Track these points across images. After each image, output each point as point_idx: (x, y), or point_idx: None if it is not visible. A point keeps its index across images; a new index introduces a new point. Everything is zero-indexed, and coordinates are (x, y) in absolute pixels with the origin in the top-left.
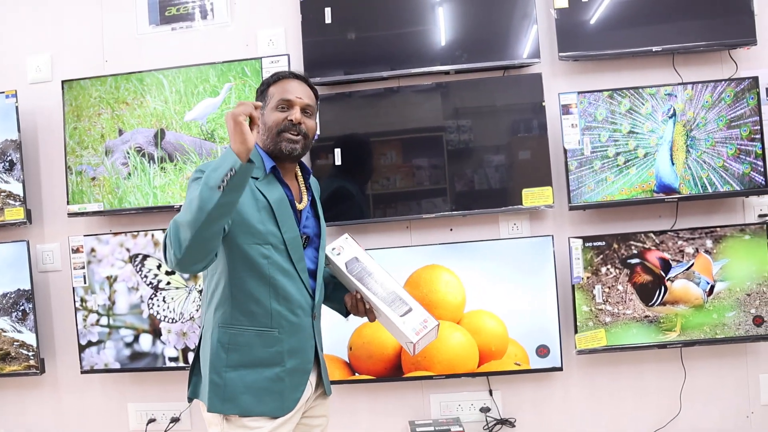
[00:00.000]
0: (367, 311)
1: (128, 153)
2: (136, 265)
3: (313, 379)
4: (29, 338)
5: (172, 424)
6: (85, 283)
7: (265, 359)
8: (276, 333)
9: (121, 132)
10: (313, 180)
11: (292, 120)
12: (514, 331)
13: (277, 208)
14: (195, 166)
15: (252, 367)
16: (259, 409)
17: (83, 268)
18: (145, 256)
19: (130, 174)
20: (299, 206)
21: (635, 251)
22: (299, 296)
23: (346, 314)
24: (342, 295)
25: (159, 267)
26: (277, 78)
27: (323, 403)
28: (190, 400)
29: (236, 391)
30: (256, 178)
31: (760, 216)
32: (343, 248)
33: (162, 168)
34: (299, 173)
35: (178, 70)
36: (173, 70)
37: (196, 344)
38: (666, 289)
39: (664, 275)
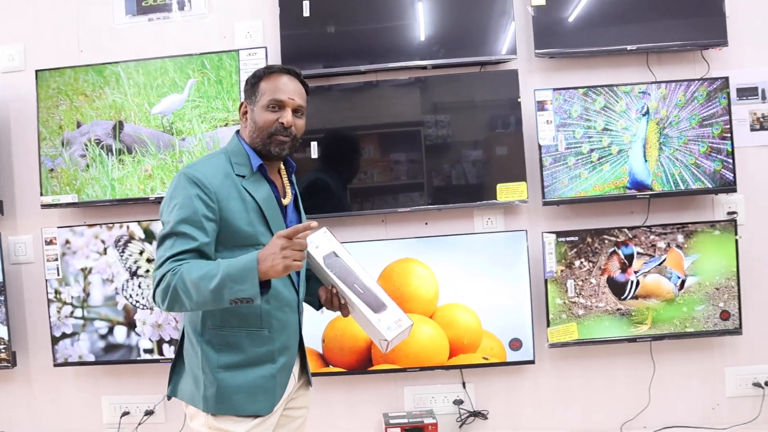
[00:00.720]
0: (341, 306)
1: (87, 145)
2: (119, 247)
3: (296, 371)
4: (0, 331)
5: (146, 417)
6: (58, 275)
7: (257, 358)
8: (266, 332)
9: (79, 124)
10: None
11: (283, 123)
12: (488, 325)
13: (265, 208)
14: (153, 158)
15: (244, 367)
16: (253, 407)
17: (57, 260)
18: (129, 239)
19: (88, 166)
20: (284, 202)
21: (608, 245)
22: (287, 293)
23: (318, 307)
24: (316, 288)
25: (141, 253)
26: (270, 72)
27: (305, 394)
28: (169, 397)
29: (229, 392)
30: (243, 176)
31: (729, 213)
32: (321, 242)
33: (120, 160)
34: (282, 168)
35: (137, 62)
36: (132, 63)
37: (178, 343)
38: (638, 283)
39: (634, 269)
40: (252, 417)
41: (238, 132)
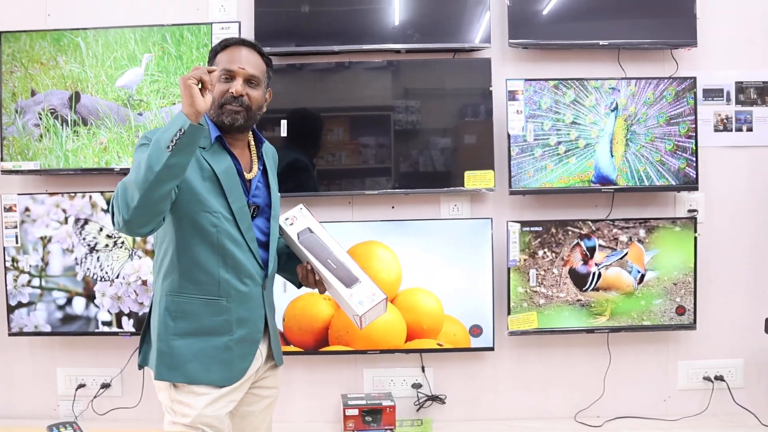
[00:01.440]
0: (317, 283)
1: (41, 114)
2: (77, 230)
3: (263, 349)
4: None
5: (102, 390)
6: (17, 243)
7: (213, 328)
8: (224, 302)
9: (33, 93)
10: (270, 149)
11: (233, 93)
12: (450, 310)
13: (223, 178)
14: (109, 131)
15: (200, 335)
16: (206, 377)
17: (16, 227)
18: (86, 221)
19: (41, 136)
20: (248, 176)
21: (572, 237)
22: (249, 265)
23: (298, 285)
24: (295, 266)
25: (100, 231)
26: (225, 45)
27: (274, 374)
28: (140, 367)
29: (183, 359)
30: (203, 148)
31: (689, 211)
32: (296, 218)
33: (75, 132)
34: (252, 142)
35: (96, 31)
36: (91, 32)
37: (148, 312)
38: (600, 275)
39: (596, 262)
40: (210, 390)
41: None
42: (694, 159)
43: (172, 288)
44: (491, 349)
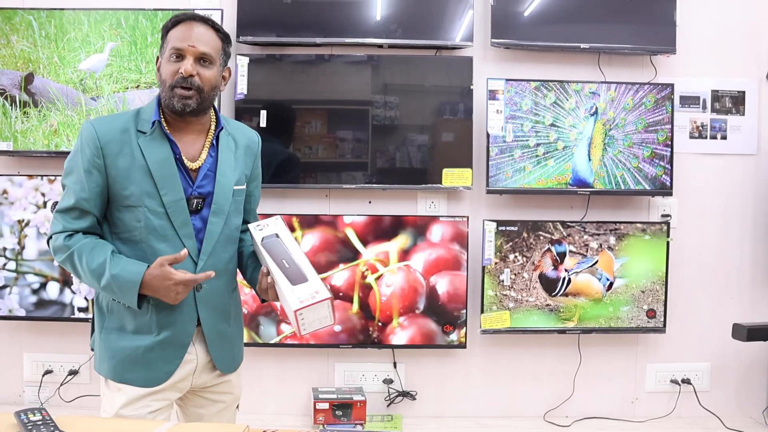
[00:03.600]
0: (269, 288)
1: None
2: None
3: (200, 353)
4: None
5: (70, 377)
6: None
7: (137, 327)
8: (146, 302)
9: None
10: (243, 135)
11: (182, 73)
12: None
13: (155, 169)
14: (61, 114)
15: (124, 333)
16: (124, 376)
17: None
18: None
19: None
20: (192, 165)
21: (543, 242)
22: (177, 264)
23: (261, 299)
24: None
25: None
26: (176, 21)
27: (228, 381)
28: (92, 349)
29: (106, 355)
30: (144, 133)
31: (663, 216)
32: (267, 225)
33: (25, 113)
34: (212, 127)
35: (49, 12)
36: (44, 12)
37: None
38: (569, 280)
39: (566, 267)
40: (132, 389)
41: None
42: (670, 167)
43: None
44: (463, 346)
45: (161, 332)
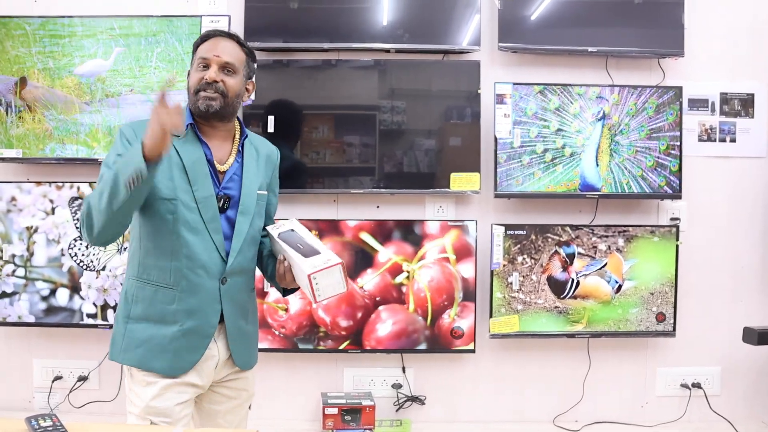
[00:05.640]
0: (286, 271)
1: None
2: (72, 207)
3: (221, 347)
4: None
5: (79, 383)
6: (2, 231)
7: (163, 316)
8: (173, 291)
9: None
10: (264, 147)
11: (206, 79)
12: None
13: (190, 167)
14: (54, 119)
15: (152, 321)
16: (152, 364)
17: None
18: (81, 198)
19: None
20: (221, 167)
21: (551, 244)
22: (205, 256)
23: (283, 292)
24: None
25: None
26: (205, 37)
27: (244, 377)
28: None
29: (134, 343)
30: (177, 137)
31: (672, 219)
32: (284, 224)
33: (20, 117)
34: (237, 135)
35: (44, 20)
36: (38, 20)
37: None
38: (578, 283)
39: (575, 270)
40: (158, 379)
41: None
42: (673, 178)
43: (133, 272)
44: (472, 351)
45: (187, 321)
